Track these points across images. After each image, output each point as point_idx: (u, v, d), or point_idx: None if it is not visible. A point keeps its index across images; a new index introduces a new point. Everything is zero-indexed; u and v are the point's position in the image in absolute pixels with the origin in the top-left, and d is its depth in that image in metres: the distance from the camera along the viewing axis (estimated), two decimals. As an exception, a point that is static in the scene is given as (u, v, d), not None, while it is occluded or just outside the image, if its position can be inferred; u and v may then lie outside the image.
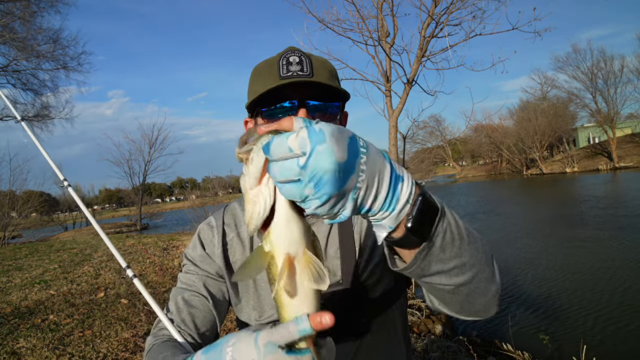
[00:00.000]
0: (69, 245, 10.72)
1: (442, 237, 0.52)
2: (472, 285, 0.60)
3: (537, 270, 6.73)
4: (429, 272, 0.54)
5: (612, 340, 4.07)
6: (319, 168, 0.40)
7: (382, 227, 0.49)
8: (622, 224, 9.54)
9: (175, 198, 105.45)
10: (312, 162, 0.40)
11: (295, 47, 0.81)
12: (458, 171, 56.18)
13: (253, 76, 0.83)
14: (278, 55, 0.79)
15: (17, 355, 3.41)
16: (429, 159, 40.99)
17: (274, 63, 0.78)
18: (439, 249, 0.52)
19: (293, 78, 0.75)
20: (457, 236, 0.54)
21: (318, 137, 0.41)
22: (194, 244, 0.90)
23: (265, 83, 0.77)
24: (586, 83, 36.16)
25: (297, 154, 0.41)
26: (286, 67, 0.76)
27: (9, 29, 14.65)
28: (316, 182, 0.41)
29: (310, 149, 0.40)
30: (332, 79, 0.81)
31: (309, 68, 0.77)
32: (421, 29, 4.65)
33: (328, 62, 0.84)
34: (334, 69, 0.84)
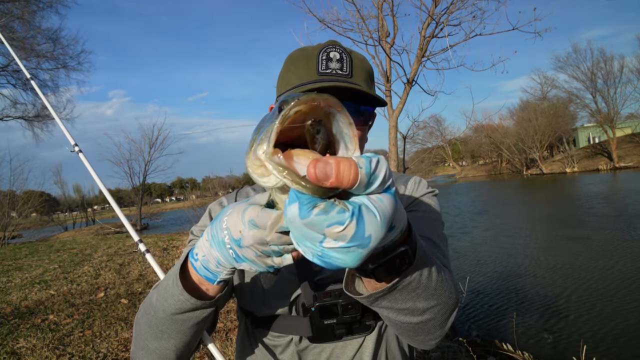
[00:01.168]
0: (69, 245, 10.71)
1: (405, 286, 0.53)
2: (417, 326, 0.62)
3: (537, 270, 6.72)
4: (378, 306, 0.56)
5: (612, 340, 4.07)
6: (338, 262, 0.38)
7: None
8: (623, 224, 9.54)
9: (175, 198, 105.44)
10: (336, 254, 0.38)
11: (337, 42, 0.78)
12: (458, 171, 56.17)
13: (288, 64, 0.80)
14: (318, 46, 0.76)
15: (17, 355, 3.41)
16: (429, 159, 40.97)
17: (313, 55, 0.75)
18: (398, 293, 0.54)
19: (331, 76, 0.72)
20: (423, 286, 0.55)
21: (363, 242, 0.37)
22: (204, 221, 0.89)
23: (301, 75, 0.74)
24: (586, 83, 36.21)
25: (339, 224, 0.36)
26: (326, 62, 0.73)
27: (8, 29, 14.66)
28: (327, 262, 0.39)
29: (344, 245, 0.37)
30: (369, 80, 0.79)
31: (349, 67, 0.74)
32: (421, 29, 4.65)
33: (366, 60, 0.81)
34: (371, 69, 0.82)
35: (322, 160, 0.36)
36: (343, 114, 0.41)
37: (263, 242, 0.49)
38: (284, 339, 0.82)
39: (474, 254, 8.27)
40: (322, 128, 0.41)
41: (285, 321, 0.81)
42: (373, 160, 0.37)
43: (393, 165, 4.98)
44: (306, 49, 0.78)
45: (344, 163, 0.35)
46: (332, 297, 0.75)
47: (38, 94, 1.19)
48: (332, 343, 0.80)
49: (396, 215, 0.42)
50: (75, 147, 1.19)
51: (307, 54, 0.76)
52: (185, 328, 0.66)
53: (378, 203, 0.37)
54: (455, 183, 42.88)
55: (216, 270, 0.59)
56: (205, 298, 0.63)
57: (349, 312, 0.76)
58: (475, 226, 12.15)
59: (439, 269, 0.59)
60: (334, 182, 0.35)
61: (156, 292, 0.69)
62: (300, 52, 0.78)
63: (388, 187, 0.39)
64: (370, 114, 0.80)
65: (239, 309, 0.92)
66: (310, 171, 0.36)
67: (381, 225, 0.37)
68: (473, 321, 4.90)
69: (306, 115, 0.40)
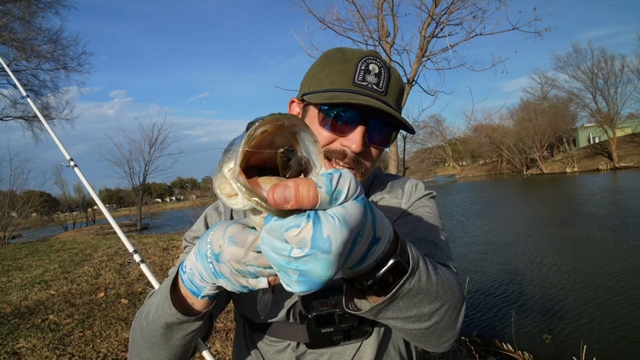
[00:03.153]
0: (69, 245, 10.71)
1: (405, 294, 0.53)
2: (427, 331, 0.61)
3: (537, 270, 6.72)
4: (383, 318, 0.56)
5: (612, 340, 4.07)
6: (310, 275, 0.38)
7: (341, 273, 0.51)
8: (623, 224, 9.53)
9: (176, 198, 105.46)
10: (306, 266, 0.37)
11: (378, 53, 0.76)
12: (458, 171, 56.18)
13: (322, 64, 0.78)
14: (359, 53, 0.74)
15: (17, 355, 3.41)
16: (429, 159, 40.98)
17: (352, 62, 0.73)
18: (400, 302, 0.53)
19: (366, 89, 0.71)
20: (424, 291, 0.55)
21: (322, 246, 0.36)
22: (198, 225, 0.89)
23: (335, 80, 0.73)
24: (586, 83, 36.21)
25: (292, 246, 0.37)
26: (363, 74, 0.72)
27: (8, 29, 14.66)
28: (303, 280, 0.38)
29: (308, 252, 0.36)
30: (400, 99, 0.79)
31: (385, 84, 0.73)
32: (421, 29, 4.65)
33: (400, 78, 0.80)
34: (403, 87, 0.82)
35: (280, 184, 0.36)
36: (307, 132, 0.42)
37: (239, 260, 0.48)
38: (282, 344, 0.82)
39: (474, 254, 8.27)
40: (294, 155, 0.42)
41: (282, 327, 0.81)
42: (334, 177, 0.37)
43: (393, 165, 4.98)
44: (345, 52, 0.76)
45: (303, 185, 0.36)
46: (329, 306, 0.75)
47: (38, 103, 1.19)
48: (330, 348, 0.80)
49: (378, 225, 0.43)
50: (70, 162, 1.20)
51: (345, 58, 0.74)
52: (175, 340, 0.66)
53: (339, 209, 0.37)
54: (455, 183, 42.86)
55: (200, 284, 0.59)
56: (192, 313, 0.63)
57: (346, 320, 0.76)
58: (475, 226, 12.14)
59: (437, 270, 0.59)
60: (294, 204, 0.36)
61: (149, 303, 0.70)
62: (339, 55, 0.76)
63: (355, 198, 0.39)
64: (391, 136, 0.79)
65: (236, 312, 0.92)
66: (269, 196, 0.36)
67: (340, 227, 0.36)
68: (473, 321, 4.90)
69: (272, 135, 0.40)
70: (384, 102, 0.71)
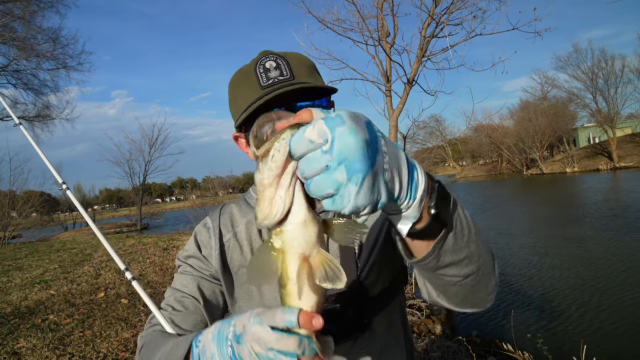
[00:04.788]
0: (69, 245, 10.72)
1: (457, 224, 0.53)
2: (477, 276, 0.60)
3: (537, 270, 6.72)
4: (443, 264, 0.55)
5: (612, 340, 4.07)
6: (345, 146, 0.40)
7: (406, 218, 0.49)
8: (623, 223, 9.53)
9: (176, 198, 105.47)
10: (337, 143, 0.39)
11: (268, 51, 0.78)
12: (458, 171, 56.17)
13: (232, 89, 0.79)
14: (252, 62, 0.76)
15: (18, 355, 3.41)
16: (429, 159, 40.81)
17: (251, 72, 0.74)
18: (453, 238, 0.53)
19: (274, 85, 0.72)
20: (466, 225, 0.55)
21: (335, 121, 0.40)
22: (190, 245, 0.89)
23: (247, 96, 0.74)
24: (586, 83, 36.16)
25: (319, 143, 0.40)
26: (265, 74, 0.73)
27: (9, 29, 14.66)
28: (346, 163, 0.40)
29: (330, 134, 0.40)
30: (313, 73, 0.78)
31: (288, 70, 0.74)
32: (421, 29, 4.65)
33: (303, 56, 0.80)
34: (311, 62, 0.80)
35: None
36: (289, 116, 0.45)
37: (261, 340, 0.47)
38: None
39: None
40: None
41: None
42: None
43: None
44: (242, 69, 0.77)
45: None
46: (328, 302, 0.75)
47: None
48: None
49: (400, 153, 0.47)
50: (62, 185, 1.21)
51: (244, 73, 0.75)
52: None
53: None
54: (455, 183, 42.86)
55: None
56: None
57: (347, 316, 0.76)
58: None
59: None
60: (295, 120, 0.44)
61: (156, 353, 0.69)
62: (239, 75, 0.77)
63: None
64: (326, 102, 0.80)
65: None
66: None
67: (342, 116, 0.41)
68: (473, 321, 4.90)
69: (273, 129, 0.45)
70: (295, 84, 0.72)
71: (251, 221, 0.85)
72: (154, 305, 0.88)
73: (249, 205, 0.89)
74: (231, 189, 56.90)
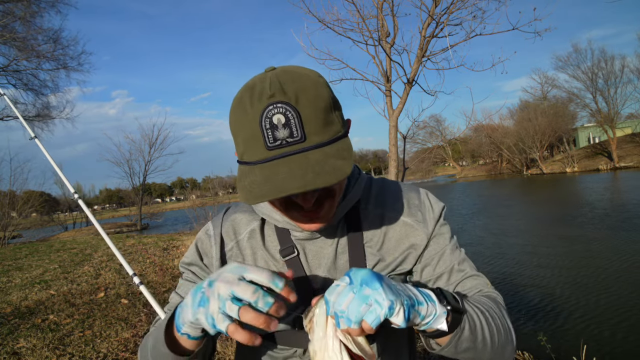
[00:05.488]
0: (69, 245, 10.72)
1: (468, 321, 0.63)
2: (493, 352, 0.69)
3: (537, 269, 6.73)
4: (461, 349, 0.65)
5: (612, 340, 4.07)
6: (361, 275, 0.54)
7: (437, 322, 0.60)
8: (623, 223, 9.54)
9: (176, 198, 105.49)
10: (354, 276, 0.54)
11: (277, 95, 0.60)
12: (458, 171, 56.19)
13: (234, 127, 0.66)
14: (258, 105, 0.61)
15: (17, 355, 3.41)
16: (429, 159, 40.96)
17: (255, 121, 0.61)
18: (468, 331, 0.63)
19: (282, 147, 0.61)
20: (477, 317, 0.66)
21: (350, 271, 0.57)
22: (191, 252, 0.87)
23: (249, 148, 0.63)
24: (586, 83, 36.16)
25: (343, 285, 0.55)
26: (271, 132, 0.60)
27: (9, 29, 14.65)
28: (366, 281, 0.54)
29: (348, 277, 0.56)
30: (329, 118, 0.64)
31: (298, 128, 0.60)
32: (421, 29, 4.65)
33: (320, 94, 0.63)
34: (327, 102, 0.64)
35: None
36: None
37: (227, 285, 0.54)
38: (288, 351, 0.81)
39: (473, 254, 8.27)
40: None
41: (288, 335, 0.80)
42: None
43: (393, 165, 4.98)
44: (246, 108, 0.62)
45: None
46: None
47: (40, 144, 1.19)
48: None
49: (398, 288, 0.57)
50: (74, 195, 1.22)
51: (248, 117, 0.62)
52: None
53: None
54: (455, 183, 42.86)
55: (182, 321, 0.61)
56: (183, 352, 0.66)
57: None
58: (474, 226, 12.15)
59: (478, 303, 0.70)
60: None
61: (152, 337, 0.72)
62: (241, 114, 0.63)
63: None
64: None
65: None
66: None
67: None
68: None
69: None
70: (305, 149, 0.62)
71: (254, 230, 0.84)
72: (160, 308, 0.88)
73: (252, 211, 0.86)
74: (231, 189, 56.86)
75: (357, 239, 0.81)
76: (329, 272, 0.80)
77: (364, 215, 0.82)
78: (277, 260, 0.82)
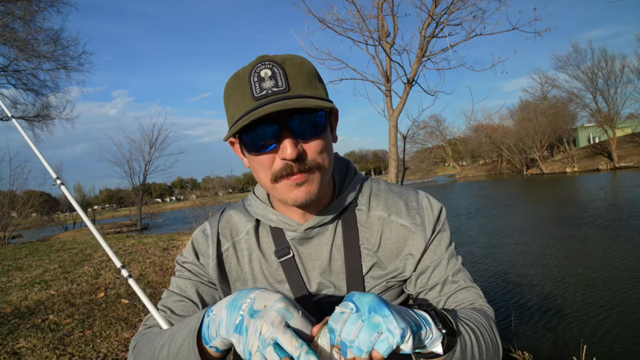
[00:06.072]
0: (69, 245, 10.72)
1: (460, 342, 0.64)
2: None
3: (537, 269, 6.72)
4: None
5: (612, 340, 4.07)
6: (366, 300, 0.53)
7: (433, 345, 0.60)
8: (623, 223, 9.54)
9: (176, 198, 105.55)
10: (359, 302, 0.52)
11: (266, 56, 0.70)
12: (458, 171, 56.19)
13: (226, 95, 0.73)
14: (249, 67, 0.69)
15: (17, 355, 3.41)
16: (429, 158, 40.93)
17: (245, 79, 0.68)
18: (459, 352, 0.64)
19: (267, 96, 0.66)
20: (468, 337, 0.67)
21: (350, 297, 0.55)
22: (188, 251, 0.87)
23: (239, 105, 0.68)
24: (586, 83, 36.16)
25: (348, 311, 0.52)
26: (258, 84, 0.66)
27: (9, 29, 14.65)
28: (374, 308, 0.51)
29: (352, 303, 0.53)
30: (312, 82, 0.70)
31: (284, 80, 0.67)
32: (421, 29, 4.64)
33: (305, 62, 0.71)
34: (312, 70, 0.72)
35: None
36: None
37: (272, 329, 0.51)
38: None
39: (473, 254, 8.27)
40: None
41: None
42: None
43: (393, 165, 4.98)
44: (238, 74, 0.71)
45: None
46: None
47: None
48: None
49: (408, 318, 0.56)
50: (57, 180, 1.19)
51: (239, 78, 0.69)
52: None
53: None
54: (455, 183, 42.86)
55: (212, 334, 0.59)
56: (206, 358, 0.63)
57: None
58: (474, 225, 12.15)
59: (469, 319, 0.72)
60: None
61: (167, 346, 0.67)
62: (234, 80, 0.71)
63: None
64: (323, 116, 0.71)
65: None
66: None
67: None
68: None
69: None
70: (289, 97, 0.66)
71: (250, 231, 0.84)
72: (149, 302, 0.87)
73: (248, 212, 0.86)
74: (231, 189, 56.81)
75: (352, 239, 0.80)
76: (324, 273, 0.80)
77: (360, 215, 0.82)
78: (272, 262, 0.82)
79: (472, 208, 17.14)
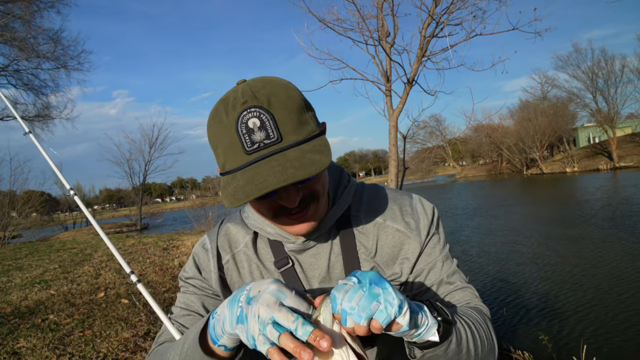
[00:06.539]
0: (69, 245, 10.72)
1: (455, 333, 0.65)
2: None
3: (536, 269, 6.73)
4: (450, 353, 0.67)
5: (612, 340, 4.07)
6: (369, 275, 0.55)
7: (429, 332, 0.60)
8: (623, 223, 9.54)
9: (176, 198, 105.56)
10: (362, 277, 0.55)
11: (250, 98, 0.63)
12: (458, 171, 56.19)
13: (211, 138, 0.68)
14: (233, 112, 0.63)
15: (17, 355, 3.41)
16: (429, 158, 40.95)
17: (231, 128, 0.63)
18: (455, 343, 0.65)
19: (260, 150, 0.62)
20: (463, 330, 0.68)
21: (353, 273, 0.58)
22: (190, 267, 0.89)
23: (229, 157, 0.65)
24: (586, 83, 36.14)
25: (350, 283, 0.54)
26: (248, 136, 0.62)
27: (9, 29, 14.65)
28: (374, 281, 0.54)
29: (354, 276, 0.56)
30: (303, 117, 0.66)
31: (274, 129, 0.62)
32: (421, 29, 4.64)
33: (290, 95, 0.66)
34: (298, 101, 0.66)
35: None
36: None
37: (268, 309, 0.53)
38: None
39: (473, 254, 8.28)
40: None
41: None
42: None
43: (393, 165, 4.98)
44: (222, 119, 0.64)
45: None
46: None
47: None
48: None
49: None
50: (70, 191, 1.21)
51: (224, 127, 0.64)
52: None
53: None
54: (455, 183, 42.87)
55: (218, 332, 0.60)
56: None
57: None
58: (474, 225, 12.15)
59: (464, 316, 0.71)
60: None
61: (179, 356, 0.68)
62: (218, 125, 0.65)
63: None
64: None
65: None
66: None
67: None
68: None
69: None
70: (283, 149, 0.63)
71: (248, 243, 0.85)
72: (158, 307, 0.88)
73: (246, 224, 0.87)
74: (231, 189, 56.80)
75: (350, 245, 0.81)
76: (324, 280, 0.82)
77: (355, 222, 0.83)
78: (272, 272, 0.83)
79: (469, 208, 17.15)
